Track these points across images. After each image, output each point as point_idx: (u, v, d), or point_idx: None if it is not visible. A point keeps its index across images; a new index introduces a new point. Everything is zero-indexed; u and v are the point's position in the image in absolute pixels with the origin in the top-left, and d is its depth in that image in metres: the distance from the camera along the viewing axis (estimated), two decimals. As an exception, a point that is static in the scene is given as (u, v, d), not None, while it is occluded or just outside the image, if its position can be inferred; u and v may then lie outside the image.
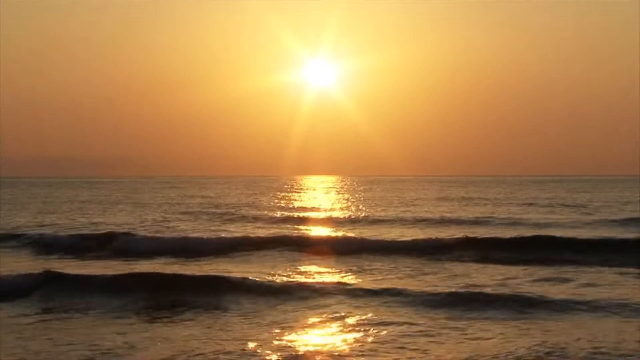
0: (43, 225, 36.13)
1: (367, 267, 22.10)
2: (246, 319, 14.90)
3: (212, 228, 35.33)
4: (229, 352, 12.01)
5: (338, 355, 11.93)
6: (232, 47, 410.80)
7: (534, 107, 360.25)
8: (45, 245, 27.59)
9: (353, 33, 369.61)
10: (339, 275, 20.58)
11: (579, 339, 12.69)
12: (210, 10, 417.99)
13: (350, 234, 32.02)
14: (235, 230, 33.78)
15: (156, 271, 20.45)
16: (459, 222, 38.06)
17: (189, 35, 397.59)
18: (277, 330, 13.64)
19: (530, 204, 54.25)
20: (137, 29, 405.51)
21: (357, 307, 15.72)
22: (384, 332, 13.38)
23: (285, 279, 19.64)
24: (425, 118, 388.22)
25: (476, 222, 37.78)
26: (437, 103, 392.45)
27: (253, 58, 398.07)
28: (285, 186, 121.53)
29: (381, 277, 19.94)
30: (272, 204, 59.52)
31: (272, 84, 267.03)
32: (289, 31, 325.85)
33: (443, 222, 38.42)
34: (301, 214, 45.71)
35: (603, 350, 12.02)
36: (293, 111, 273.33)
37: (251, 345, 12.46)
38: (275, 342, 12.66)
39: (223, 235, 30.44)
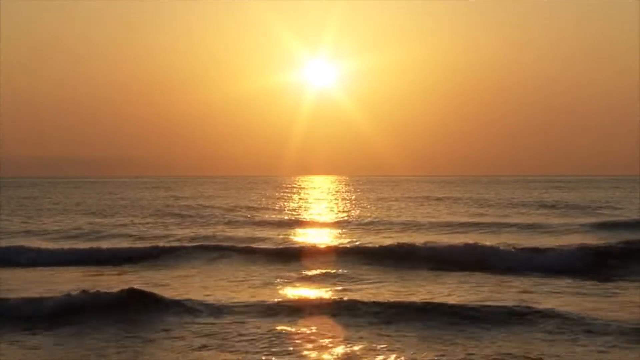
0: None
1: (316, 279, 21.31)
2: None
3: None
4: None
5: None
6: (232, 47, 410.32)
7: (534, 107, 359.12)
8: None
9: (353, 33, 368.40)
10: (250, 289, 19.66)
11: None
12: (210, 10, 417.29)
13: (293, 239, 31.41)
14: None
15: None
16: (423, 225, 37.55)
17: (189, 35, 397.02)
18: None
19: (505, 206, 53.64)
20: (137, 29, 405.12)
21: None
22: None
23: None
24: (425, 118, 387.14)
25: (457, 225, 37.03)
26: (437, 103, 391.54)
27: (253, 58, 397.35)
28: (266, 186, 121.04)
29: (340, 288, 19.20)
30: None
31: (272, 84, 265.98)
32: (289, 31, 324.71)
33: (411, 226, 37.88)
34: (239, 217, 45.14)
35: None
36: (293, 111, 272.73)
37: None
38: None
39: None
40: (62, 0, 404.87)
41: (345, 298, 16.83)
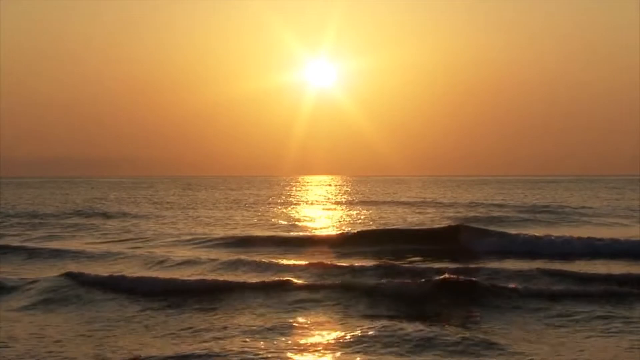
0: None
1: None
2: None
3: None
4: None
5: None
6: (232, 47, 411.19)
7: (534, 107, 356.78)
8: None
9: (353, 33, 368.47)
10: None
11: None
12: (210, 10, 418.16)
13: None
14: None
15: None
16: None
17: (189, 35, 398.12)
18: None
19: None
20: (137, 29, 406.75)
21: None
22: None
23: None
24: (425, 118, 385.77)
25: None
26: (437, 103, 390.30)
27: (253, 58, 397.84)
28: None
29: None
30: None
31: (272, 84, 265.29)
32: (289, 31, 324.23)
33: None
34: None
35: None
36: (293, 111, 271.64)
37: None
38: None
39: None
40: (62, 0, 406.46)
41: None
